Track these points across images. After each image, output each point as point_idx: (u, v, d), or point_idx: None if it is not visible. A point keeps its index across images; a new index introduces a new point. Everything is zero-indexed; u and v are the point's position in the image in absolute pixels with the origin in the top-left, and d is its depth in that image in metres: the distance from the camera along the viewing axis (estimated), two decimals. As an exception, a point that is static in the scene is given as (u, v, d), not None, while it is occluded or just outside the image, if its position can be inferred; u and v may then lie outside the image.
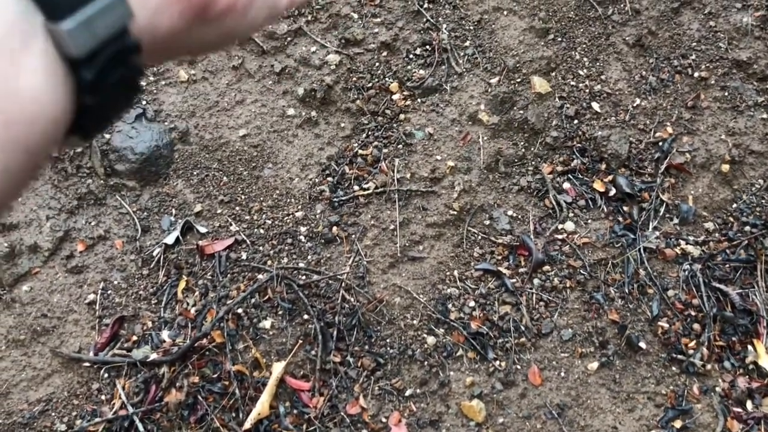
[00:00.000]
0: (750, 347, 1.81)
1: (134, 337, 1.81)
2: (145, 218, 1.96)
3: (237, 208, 1.98)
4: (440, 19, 2.21)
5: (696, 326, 1.84)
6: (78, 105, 0.31)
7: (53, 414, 1.72)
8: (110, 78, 0.31)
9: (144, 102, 2.06)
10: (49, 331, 1.81)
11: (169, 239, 1.91)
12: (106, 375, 1.77)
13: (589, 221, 1.97)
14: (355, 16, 2.21)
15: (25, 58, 0.27)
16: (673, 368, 1.81)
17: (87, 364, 1.78)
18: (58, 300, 1.85)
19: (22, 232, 1.90)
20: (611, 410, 1.76)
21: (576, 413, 1.76)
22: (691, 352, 1.81)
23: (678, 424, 1.73)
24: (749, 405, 1.74)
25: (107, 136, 2.00)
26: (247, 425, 1.68)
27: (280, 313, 1.83)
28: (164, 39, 0.35)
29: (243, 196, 1.99)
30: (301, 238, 1.95)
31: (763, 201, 1.97)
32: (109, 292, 1.87)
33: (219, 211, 1.97)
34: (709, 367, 1.80)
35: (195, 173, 2.01)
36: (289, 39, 2.16)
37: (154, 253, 1.91)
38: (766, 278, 1.89)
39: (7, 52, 0.26)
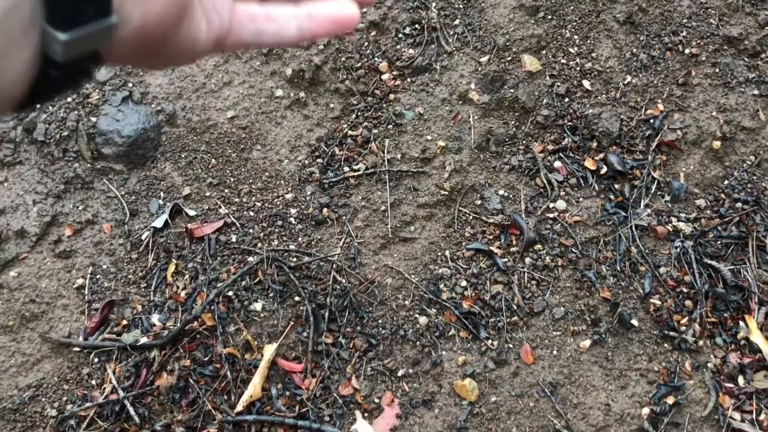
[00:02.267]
0: (742, 323, 1.81)
1: (124, 322, 1.80)
2: (133, 202, 1.94)
3: (226, 190, 1.96)
4: (429, -3, 2.18)
5: (688, 303, 1.84)
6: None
7: (43, 399, 1.71)
8: (70, 76, 0.33)
9: (130, 84, 2.04)
10: (38, 316, 1.80)
11: (158, 223, 1.90)
12: (96, 360, 1.75)
13: (581, 199, 1.96)
14: (343, -5, 2.18)
15: (19, 47, 0.29)
16: (666, 345, 1.81)
17: (77, 349, 1.76)
18: (47, 285, 1.83)
19: (8, 217, 1.88)
20: (604, 387, 1.76)
21: (568, 391, 1.76)
22: (683, 328, 1.81)
23: (670, 400, 1.73)
24: (741, 380, 1.75)
25: (93, 119, 1.98)
26: (239, 408, 1.67)
27: (271, 295, 1.82)
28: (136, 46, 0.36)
29: (232, 179, 1.98)
30: (291, 220, 1.93)
31: (755, 177, 1.97)
32: (98, 276, 1.85)
33: (208, 194, 1.96)
34: (701, 343, 1.80)
35: (183, 156, 1.99)
36: (276, 19, 2.13)
37: (143, 237, 1.89)
38: (758, 254, 1.89)
39: (8, 36, 0.28)
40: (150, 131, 1.98)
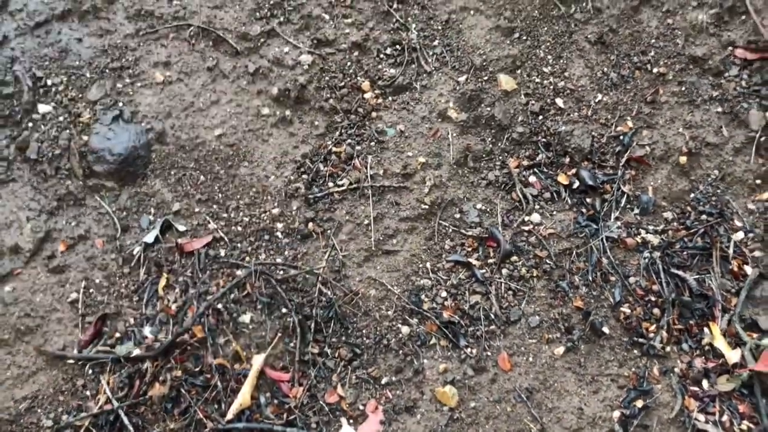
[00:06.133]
0: (706, 329, 1.91)
1: (117, 334, 1.87)
2: (125, 218, 2.00)
3: (214, 206, 2.04)
4: (409, 19, 2.28)
5: (656, 311, 1.93)
6: None
7: (39, 410, 1.77)
8: None
9: (121, 103, 2.10)
10: (33, 330, 1.86)
11: (149, 238, 1.96)
12: (90, 371, 1.82)
13: (554, 213, 2.06)
14: (327, 17, 2.27)
15: None
16: (635, 351, 1.91)
17: (71, 361, 1.83)
18: (41, 299, 1.89)
19: (2, 233, 1.93)
20: (577, 392, 1.85)
21: (544, 396, 1.85)
22: (651, 335, 1.91)
23: (639, 403, 1.82)
24: (705, 384, 1.85)
25: (85, 137, 2.04)
26: (230, 416, 1.75)
27: (259, 307, 1.89)
28: None
29: (220, 195, 2.05)
30: (278, 234, 2.01)
31: (719, 191, 2.07)
32: (91, 290, 1.92)
33: (197, 210, 2.03)
34: (668, 349, 1.90)
35: (172, 173, 2.06)
36: (262, 40, 2.21)
37: (135, 252, 1.96)
38: (721, 264, 1.99)
39: None
40: (140, 149, 2.05)
